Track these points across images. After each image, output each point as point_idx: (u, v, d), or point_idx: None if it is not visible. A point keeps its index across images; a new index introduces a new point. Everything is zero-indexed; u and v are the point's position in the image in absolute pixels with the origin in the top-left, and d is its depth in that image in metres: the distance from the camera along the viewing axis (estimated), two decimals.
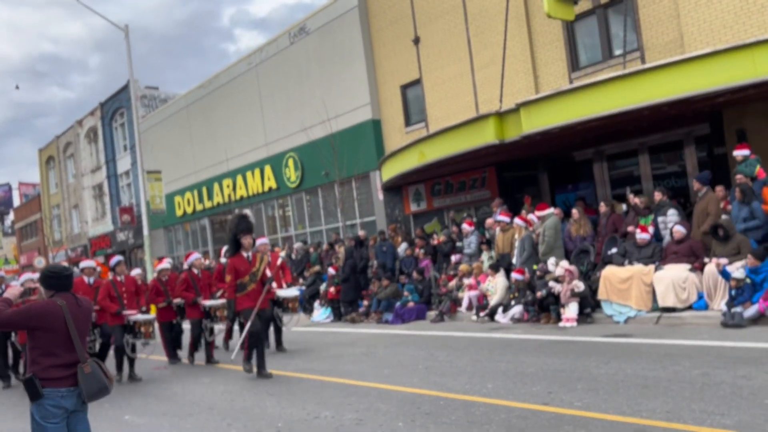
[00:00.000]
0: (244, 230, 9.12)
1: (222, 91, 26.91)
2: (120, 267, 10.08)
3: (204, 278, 11.32)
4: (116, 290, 9.81)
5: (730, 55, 9.94)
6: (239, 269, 8.96)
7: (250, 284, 9.01)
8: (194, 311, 11.02)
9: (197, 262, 11.51)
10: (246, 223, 9.18)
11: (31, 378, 4.20)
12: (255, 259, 9.16)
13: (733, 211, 9.99)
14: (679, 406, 5.31)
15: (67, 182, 42.10)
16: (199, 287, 11.11)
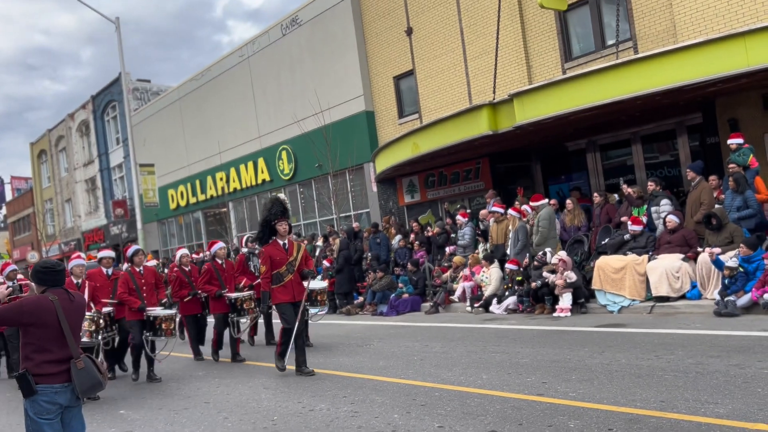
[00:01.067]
0: (278, 215, 8.21)
1: (214, 83, 26.79)
2: (138, 257, 9.21)
3: (228, 269, 10.50)
4: (135, 283, 8.97)
5: (722, 44, 9.94)
6: (275, 259, 8.13)
7: (287, 275, 8.15)
8: (219, 305, 10.17)
9: (221, 251, 10.55)
10: (280, 207, 8.28)
11: (24, 374, 4.18)
12: (291, 248, 8.26)
13: (726, 201, 10.02)
14: (672, 395, 5.34)
15: (59, 176, 41.89)
16: (223, 279, 10.30)
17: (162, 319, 8.89)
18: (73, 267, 8.83)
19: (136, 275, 9.07)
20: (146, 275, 9.18)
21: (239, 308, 10.10)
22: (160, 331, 8.86)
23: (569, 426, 4.89)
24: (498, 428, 5.06)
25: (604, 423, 4.86)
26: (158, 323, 8.86)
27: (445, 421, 5.41)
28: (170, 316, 8.95)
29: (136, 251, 9.26)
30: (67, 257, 35.10)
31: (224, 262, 10.50)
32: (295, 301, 8.14)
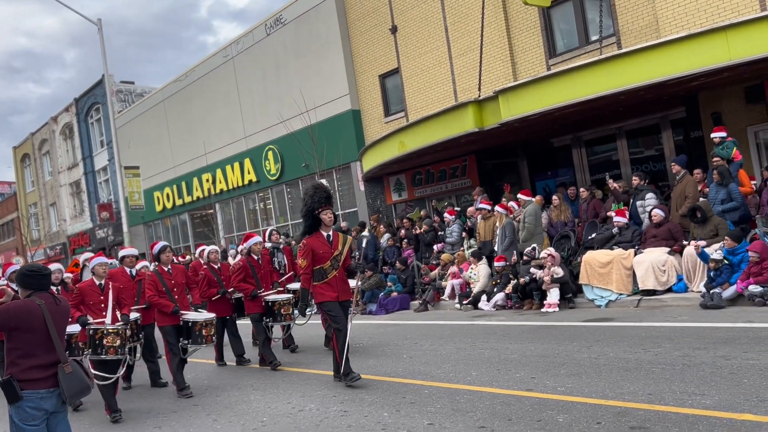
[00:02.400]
0: (322, 202, 7.24)
1: (198, 84, 26.64)
2: (166, 254, 8.13)
3: (264, 265, 9.29)
4: (164, 284, 7.95)
5: (704, 38, 10.02)
6: (318, 252, 7.16)
7: (332, 271, 7.20)
8: (255, 305, 8.96)
9: (256, 246, 9.24)
10: (324, 194, 7.31)
11: (9, 380, 4.12)
12: (336, 240, 7.30)
13: (711, 194, 10.10)
14: (660, 387, 5.37)
15: (43, 180, 41.50)
16: (259, 277, 9.07)
17: (201, 325, 7.84)
18: (95, 266, 7.66)
19: (165, 275, 8.04)
20: (176, 275, 8.14)
21: (276, 312, 8.93)
22: (200, 338, 7.83)
23: (558, 420, 4.91)
24: (487, 424, 5.07)
25: (592, 417, 4.88)
26: (197, 329, 7.81)
27: (434, 419, 5.41)
28: (210, 320, 7.95)
29: (163, 248, 8.18)
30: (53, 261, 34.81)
31: (260, 258, 9.26)
32: (341, 301, 7.23)
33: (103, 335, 6.99)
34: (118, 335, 7.06)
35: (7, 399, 4.14)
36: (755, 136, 12.41)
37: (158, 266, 8.14)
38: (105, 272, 7.70)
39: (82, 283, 7.77)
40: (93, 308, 7.37)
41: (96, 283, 7.56)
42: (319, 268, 7.20)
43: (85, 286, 7.56)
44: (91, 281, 7.60)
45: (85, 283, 7.62)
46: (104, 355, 6.95)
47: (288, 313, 8.95)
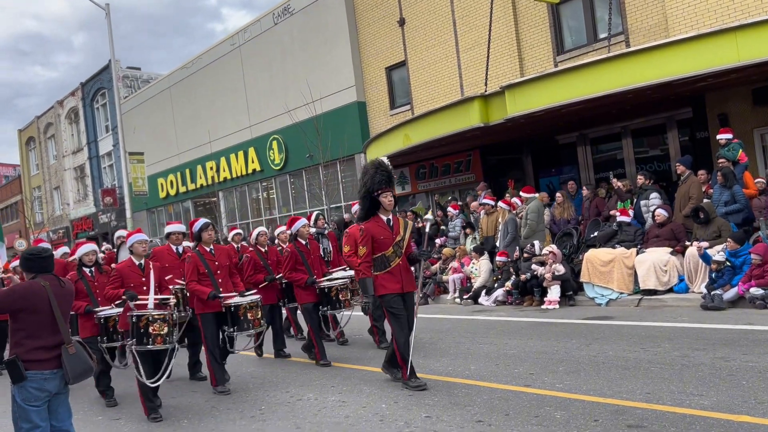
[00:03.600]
0: (383, 183, 6.46)
1: (205, 71, 26.61)
2: (208, 233, 7.22)
3: (313, 250, 8.41)
4: (207, 265, 7.12)
5: (713, 38, 9.96)
6: (378, 238, 6.42)
7: (394, 259, 6.44)
8: (308, 294, 8.13)
9: (303, 230, 8.36)
10: (385, 174, 6.49)
11: (14, 360, 4.17)
12: (397, 225, 6.55)
13: (715, 195, 10.08)
14: (658, 387, 5.38)
15: (48, 164, 41.55)
16: (309, 263, 8.19)
17: (245, 308, 7.05)
18: (134, 244, 6.82)
19: (207, 256, 7.18)
20: (219, 256, 7.28)
21: (333, 299, 8.08)
22: (245, 322, 7.03)
23: (555, 417, 4.92)
24: (485, 418, 5.09)
25: (590, 414, 4.89)
26: (241, 314, 7.03)
27: (432, 411, 5.42)
28: (254, 302, 7.11)
29: (205, 225, 7.24)
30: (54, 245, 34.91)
31: (309, 243, 8.39)
32: (405, 292, 6.48)
33: (149, 322, 6.16)
34: (165, 322, 6.24)
35: (12, 379, 4.17)
36: (761, 139, 12.37)
37: (199, 246, 7.23)
38: (145, 251, 6.86)
39: (120, 263, 6.97)
40: (134, 290, 6.60)
41: (135, 263, 6.76)
42: (381, 256, 6.44)
43: (124, 266, 6.74)
44: (129, 261, 6.77)
45: (123, 264, 6.82)
46: (151, 345, 6.12)
47: (347, 299, 8.17)
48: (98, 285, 7.21)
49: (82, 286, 7.18)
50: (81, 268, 7.37)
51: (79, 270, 7.36)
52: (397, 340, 6.33)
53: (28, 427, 4.19)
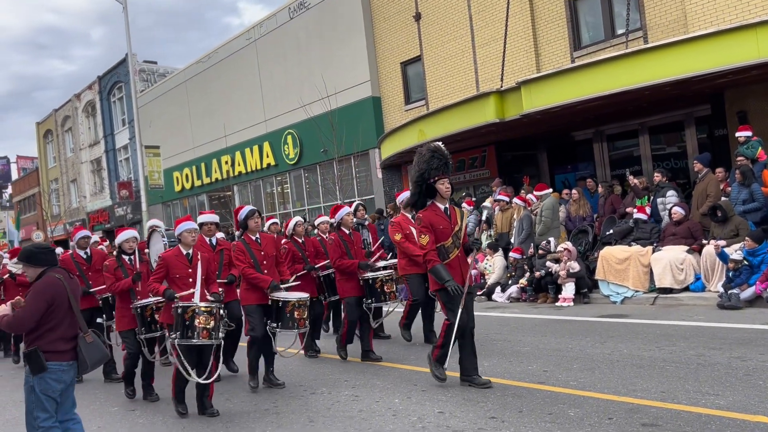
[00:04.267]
0: (440, 169, 6.01)
1: (221, 66, 26.71)
2: (254, 220, 6.76)
3: (356, 240, 7.89)
4: (253, 255, 6.67)
5: (733, 35, 9.86)
6: (437, 227, 6.00)
7: (453, 250, 6.06)
8: (350, 286, 7.70)
9: (347, 218, 7.84)
10: (442, 160, 6.01)
11: (35, 350, 4.23)
12: (454, 214, 6.15)
13: (733, 193, 9.97)
14: (673, 386, 5.34)
15: (65, 156, 41.94)
16: (352, 253, 7.69)
17: (294, 305, 6.57)
18: (183, 233, 6.21)
19: (253, 245, 6.71)
20: (265, 245, 6.82)
21: (378, 291, 7.64)
22: (290, 321, 6.57)
23: (569, 414, 4.90)
24: (498, 415, 5.08)
25: (604, 412, 4.87)
26: (288, 311, 6.56)
27: (445, 407, 5.43)
28: (303, 300, 6.67)
29: (251, 213, 6.79)
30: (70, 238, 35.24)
31: (352, 233, 7.87)
32: (464, 285, 6.05)
33: (194, 314, 5.67)
34: (212, 315, 5.72)
35: (32, 370, 4.23)
36: None
37: (245, 235, 6.77)
38: (194, 240, 6.29)
39: (166, 252, 6.33)
40: (178, 283, 6.02)
41: (183, 252, 6.17)
42: (439, 247, 6.02)
43: (171, 256, 6.14)
44: (177, 250, 6.20)
45: (170, 253, 6.21)
46: (195, 339, 5.64)
47: (392, 291, 7.73)
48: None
49: (121, 275, 7.00)
50: (120, 255, 7.16)
51: (119, 257, 7.15)
52: (446, 333, 5.95)
53: (45, 416, 4.25)
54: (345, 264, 7.58)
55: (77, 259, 8.39)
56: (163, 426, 5.87)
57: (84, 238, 8.58)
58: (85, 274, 8.17)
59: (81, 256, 8.46)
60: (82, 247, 8.53)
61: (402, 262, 8.02)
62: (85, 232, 8.72)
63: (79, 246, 8.52)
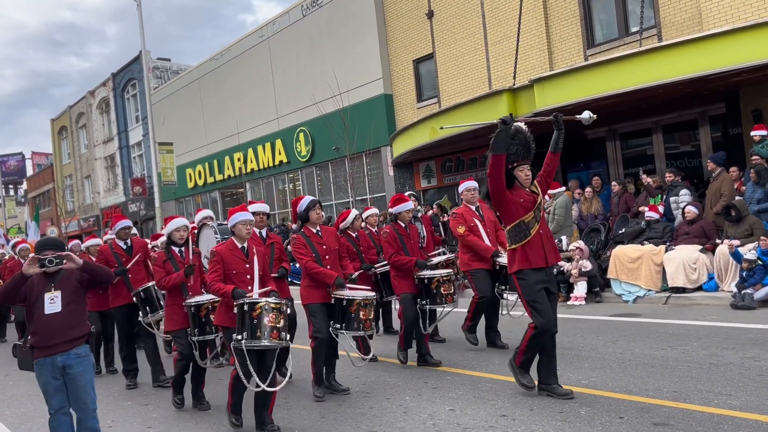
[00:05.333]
0: (519, 155, 5.56)
1: (233, 63, 26.81)
2: (316, 212, 6.18)
3: (413, 235, 7.23)
4: (314, 249, 6.08)
5: (749, 32, 9.78)
6: (517, 201, 5.41)
7: (534, 225, 5.38)
8: (407, 283, 7.08)
9: (407, 214, 7.18)
10: (522, 144, 5.60)
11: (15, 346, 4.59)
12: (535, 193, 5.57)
13: (747, 192, 9.90)
14: (685, 385, 5.32)
15: (79, 153, 42.28)
16: (408, 248, 7.08)
17: (359, 305, 5.95)
18: (237, 225, 5.51)
19: (314, 238, 6.16)
20: (327, 238, 6.23)
21: (434, 292, 6.96)
22: (356, 321, 5.96)
23: (580, 413, 4.90)
24: (509, 413, 5.08)
25: (615, 411, 4.86)
26: (353, 310, 5.95)
27: (456, 405, 5.44)
28: (369, 300, 6.06)
29: (312, 204, 6.20)
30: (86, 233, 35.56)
31: (408, 227, 7.22)
32: (549, 266, 5.48)
33: (263, 312, 4.99)
34: (282, 313, 5.07)
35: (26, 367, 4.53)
36: None
37: (305, 228, 6.20)
38: (250, 233, 5.58)
39: (219, 245, 5.59)
40: (235, 280, 5.32)
41: (238, 246, 5.47)
42: (518, 224, 5.35)
43: (225, 249, 5.42)
44: (230, 244, 5.47)
45: (224, 246, 5.47)
46: (265, 339, 4.95)
47: (449, 293, 7.00)
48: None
49: (171, 268, 6.28)
50: (170, 246, 6.43)
51: (168, 249, 6.42)
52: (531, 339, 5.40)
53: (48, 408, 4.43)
54: (401, 261, 7.00)
55: (116, 249, 7.75)
56: (176, 420, 5.92)
57: (125, 228, 7.83)
58: (124, 266, 7.61)
59: (120, 246, 7.78)
60: (122, 238, 7.83)
61: (465, 257, 7.46)
62: (126, 222, 7.94)
63: (119, 237, 7.84)
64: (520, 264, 5.34)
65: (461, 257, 7.60)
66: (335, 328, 6.03)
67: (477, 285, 7.39)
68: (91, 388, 4.41)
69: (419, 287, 7.06)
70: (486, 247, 7.37)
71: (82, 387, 4.36)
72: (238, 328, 5.02)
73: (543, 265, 5.36)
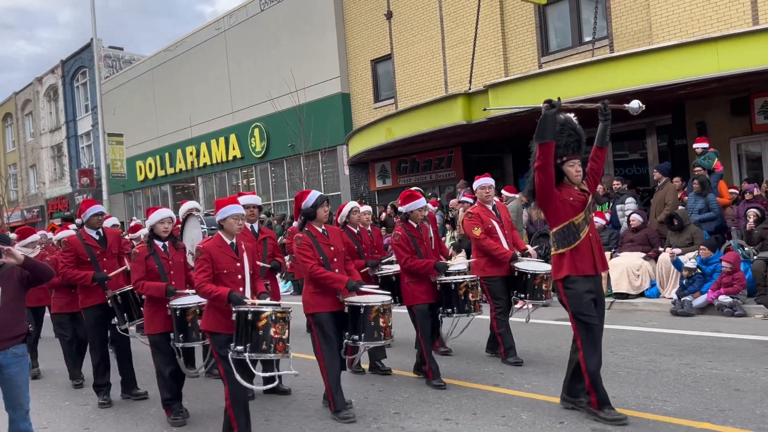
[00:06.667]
0: (569, 148, 5.02)
1: (188, 55, 26.33)
2: (324, 209, 5.43)
3: (425, 236, 6.30)
4: (321, 250, 5.33)
5: (695, 48, 10.11)
6: (567, 199, 4.84)
7: (584, 227, 4.81)
8: (423, 291, 6.19)
9: (420, 212, 6.26)
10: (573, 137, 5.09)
11: None
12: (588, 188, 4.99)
13: (689, 203, 10.22)
14: (624, 391, 5.45)
15: (24, 141, 40.89)
16: (422, 252, 6.19)
17: (378, 311, 5.27)
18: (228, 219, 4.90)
19: (320, 238, 5.40)
20: (333, 238, 5.53)
21: (462, 300, 6.12)
22: (376, 330, 5.25)
23: (522, 417, 4.97)
24: (452, 417, 5.12)
25: (556, 416, 4.95)
26: (372, 318, 5.25)
27: (401, 408, 5.45)
28: (386, 305, 5.36)
29: (321, 199, 5.43)
30: (30, 224, 34.44)
31: (420, 227, 6.30)
32: (598, 274, 4.88)
33: (270, 322, 4.48)
34: (287, 323, 4.58)
35: None
36: (737, 148, 12.57)
37: (310, 226, 5.42)
38: (241, 229, 5.01)
39: (206, 241, 4.95)
40: (225, 280, 4.76)
41: (227, 242, 4.89)
42: (567, 225, 4.78)
43: (213, 246, 4.81)
44: (218, 239, 4.86)
45: (211, 243, 4.84)
46: (272, 352, 4.49)
47: (476, 300, 6.19)
48: (173, 264, 5.66)
49: (153, 265, 5.57)
50: (152, 240, 5.68)
51: (150, 243, 5.67)
52: (585, 358, 4.73)
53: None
54: (418, 264, 6.07)
55: (88, 241, 6.47)
56: (115, 421, 5.78)
57: (97, 215, 6.59)
58: (98, 260, 6.43)
59: (93, 237, 6.51)
60: (93, 226, 6.57)
61: (481, 262, 6.76)
62: (99, 207, 6.67)
63: (91, 225, 6.56)
64: (569, 270, 4.73)
65: (476, 262, 6.89)
66: (353, 340, 5.30)
67: (493, 294, 6.73)
68: (26, 388, 4.27)
69: (440, 294, 6.17)
70: (505, 251, 6.65)
71: (18, 387, 4.21)
72: (237, 338, 4.50)
73: (592, 272, 4.77)
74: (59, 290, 7.17)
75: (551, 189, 4.77)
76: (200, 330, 5.14)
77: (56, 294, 7.29)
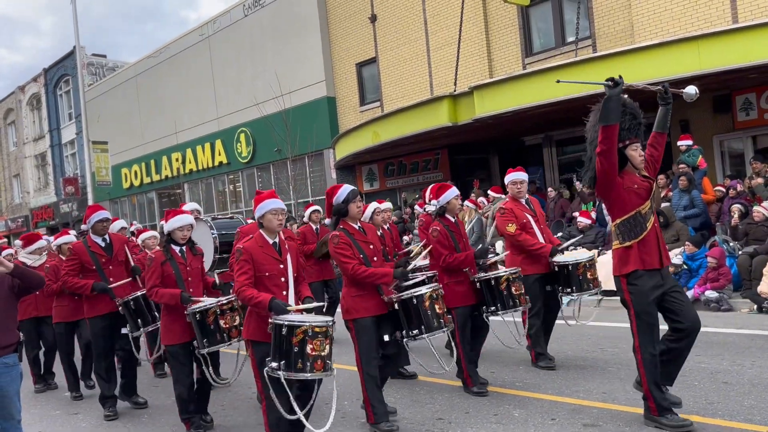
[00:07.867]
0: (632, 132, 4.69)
1: (173, 61, 26.23)
2: (356, 205, 5.05)
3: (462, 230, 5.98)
4: (360, 249, 4.95)
5: (677, 46, 10.23)
6: (631, 187, 4.49)
7: (650, 217, 4.50)
8: (464, 292, 5.77)
9: (456, 201, 5.91)
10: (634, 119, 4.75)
11: None
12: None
13: (674, 199, 10.33)
14: (614, 387, 5.51)
15: (7, 150, 40.51)
16: (460, 247, 5.81)
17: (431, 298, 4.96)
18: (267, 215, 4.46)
19: (358, 236, 5.03)
20: (371, 236, 5.17)
21: (505, 295, 5.73)
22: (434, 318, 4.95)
23: (514, 415, 5.01)
24: (445, 416, 5.15)
25: (547, 413, 4.99)
26: (426, 306, 4.92)
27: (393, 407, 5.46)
28: (437, 290, 5.09)
29: (353, 194, 5.10)
30: (15, 235, 34.14)
31: (458, 221, 6.00)
32: (664, 267, 4.51)
33: (306, 337, 3.99)
34: (327, 338, 4.09)
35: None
36: (720, 145, 12.72)
37: (344, 223, 5.01)
38: (281, 225, 4.54)
39: (247, 241, 4.48)
40: (267, 283, 4.35)
41: (269, 241, 4.47)
42: (633, 216, 4.44)
43: (254, 246, 4.39)
44: (260, 239, 4.45)
45: (252, 242, 4.41)
46: (309, 371, 4.02)
47: (521, 294, 5.82)
48: (191, 270, 5.32)
49: (170, 270, 5.21)
50: (169, 245, 5.32)
51: (167, 248, 5.31)
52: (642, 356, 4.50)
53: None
54: (458, 259, 5.63)
55: (93, 248, 6.24)
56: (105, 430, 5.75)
57: (102, 221, 6.30)
58: (103, 268, 6.21)
59: (98, 244, 6.27)
60: (99, 232, 6.29)
61: (517, 259, 6.31)
62: (104, 213, 6.37)
63: (96, 231, 6.28)
64: (636, 264, 4.36)
65: (512, 260, 6.40)
66: (412, 336, 4.91)
67: (528, 294, 6.12)
68: (17, 398, 4.24)
69: (481, 293, 5.76)
70: (542, 246, 6.24)
71: (9, 397, 4.17)
72: (273, 353, 4.05)
73: (658, 266, 4.41)
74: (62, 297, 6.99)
75: (614, 176, 4.42)
76: (224, 330, 4.93)
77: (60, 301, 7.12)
